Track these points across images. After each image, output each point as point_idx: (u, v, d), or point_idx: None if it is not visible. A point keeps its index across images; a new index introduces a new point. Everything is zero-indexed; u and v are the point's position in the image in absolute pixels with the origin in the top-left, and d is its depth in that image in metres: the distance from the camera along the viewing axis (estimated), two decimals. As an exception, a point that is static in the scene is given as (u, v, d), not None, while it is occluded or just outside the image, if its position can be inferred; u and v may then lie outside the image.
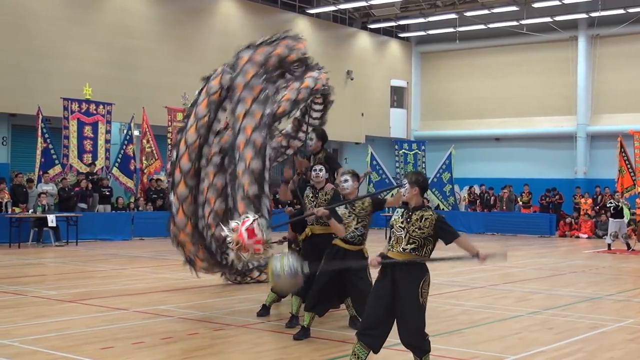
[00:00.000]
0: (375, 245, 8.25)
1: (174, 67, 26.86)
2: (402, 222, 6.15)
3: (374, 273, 6.51)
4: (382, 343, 6.22)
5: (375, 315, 6.16)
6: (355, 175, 7.94)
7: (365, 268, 7.76)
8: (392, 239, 6.20)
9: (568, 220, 27.61)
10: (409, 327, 6.07)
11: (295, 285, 6.91)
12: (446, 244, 6.15)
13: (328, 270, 7.97)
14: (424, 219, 6.09)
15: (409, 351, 6.24)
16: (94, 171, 23.22)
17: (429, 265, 6.19)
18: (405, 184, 6.28)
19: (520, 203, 29.81)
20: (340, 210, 7.79)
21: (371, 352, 6.23)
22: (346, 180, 7.82)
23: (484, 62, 36.36)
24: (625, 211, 21.11)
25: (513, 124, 35.06)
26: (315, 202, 8.56)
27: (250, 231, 7.39)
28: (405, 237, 6.10)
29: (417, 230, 6.07)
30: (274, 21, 31.09)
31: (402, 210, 6.24)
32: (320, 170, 8.63)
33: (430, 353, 6.16)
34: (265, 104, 8.64)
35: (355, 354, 6.19)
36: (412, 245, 6.08)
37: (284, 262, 6.67)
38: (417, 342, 6.10)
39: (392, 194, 9.21)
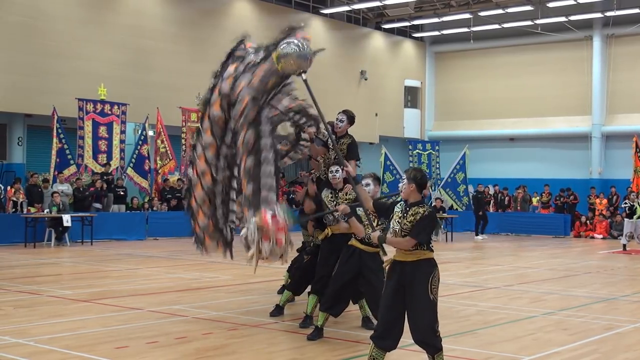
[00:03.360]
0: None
1: (188, 68, 26.91)
2: (399, 218, 6.19)
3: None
4: (397, 343, 6.24)
5: (388, 318, 6.18)
6: (377, 179, 7.90)
7: (382, 268, 7.77)
8: (391, 234, 6.23)
9: (583, 219, 27.49)
10: (420, 324, 6.08)
11: (303, 66, 7.33)
12: (408, 234, 6.10)
13: (344, 271, 8.00)
14: (417, 214, 6.12)
15: (423, 351, 6.25)
16: (109, 171, 23.31)
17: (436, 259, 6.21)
18: (403, 180, 6.31)
19: (539, 203, 29.69)
20: (360, 211, 7.78)
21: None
22: (368, 184, 7.71)
23: (498, 62, 36.23)
24: (638, 211, 20.91)
25: (527, 124, 34.92)
26: (335, 203, 8.55)
27: (274, 218, 7.35)
28: (399, 232, 6.14)
29: (409, 224, 6.10)
30: (288, 21, 30.72)
31: (403, 205, 6.28)
32: (337, 171, 8.59)
33: (442, 350, 6.16)
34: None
35: (373, 358, 6.21)
36: None
37: (296, 42, 7.16)
38: (429, 339, 6.10)
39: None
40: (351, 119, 9.30)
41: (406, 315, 6.18)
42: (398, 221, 6.19)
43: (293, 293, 9.67)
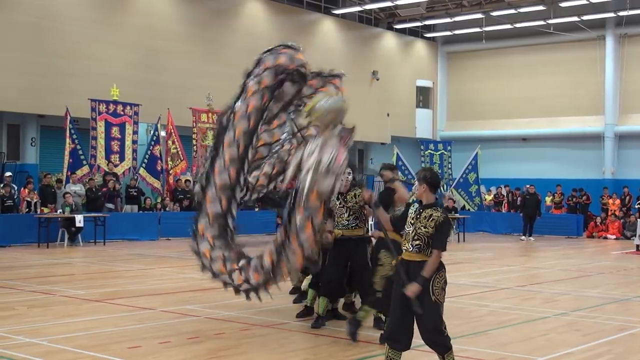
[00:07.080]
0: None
1: (199, 68, 26.98)
2: (412, 219, 6.18)
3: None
4: (411, 341, 6.24)
5: (397, 319, 6.19)
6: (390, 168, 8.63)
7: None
8: (405, 236, 6.25)
9: (598, 220, 27.35)
10: (425, 325, 6.10)
11: (338, 117, 7.57)
12: (430, 246, 6.07)
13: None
14: (431, 218, 6.08)
15: (434, 352, 6.24)
16: (121, 171, 23.36)
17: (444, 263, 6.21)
18: (415, 182, 6.33)
19: (553, 204, 29.57)
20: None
21: None
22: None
23: (510, 62, 36.14)
24: None
25: (540, 124, 34.82)
26: (345, 206, 8.60)
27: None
28: (412, 233, 6.13)
29: (422, 228, 6.08)
30: (300, 22, 31.15)
31: (417, 206, 6.26)
32: (349, 173, 8.68)
33: (452, 350, 6.16)
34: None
35: (390, 358, 6.20)
36: (417, 242, 6.09)
37: (330, 97, 7.59)
38: (436, 338, 6.11)
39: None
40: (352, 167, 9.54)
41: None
42: (411, 222, 6.17)
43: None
